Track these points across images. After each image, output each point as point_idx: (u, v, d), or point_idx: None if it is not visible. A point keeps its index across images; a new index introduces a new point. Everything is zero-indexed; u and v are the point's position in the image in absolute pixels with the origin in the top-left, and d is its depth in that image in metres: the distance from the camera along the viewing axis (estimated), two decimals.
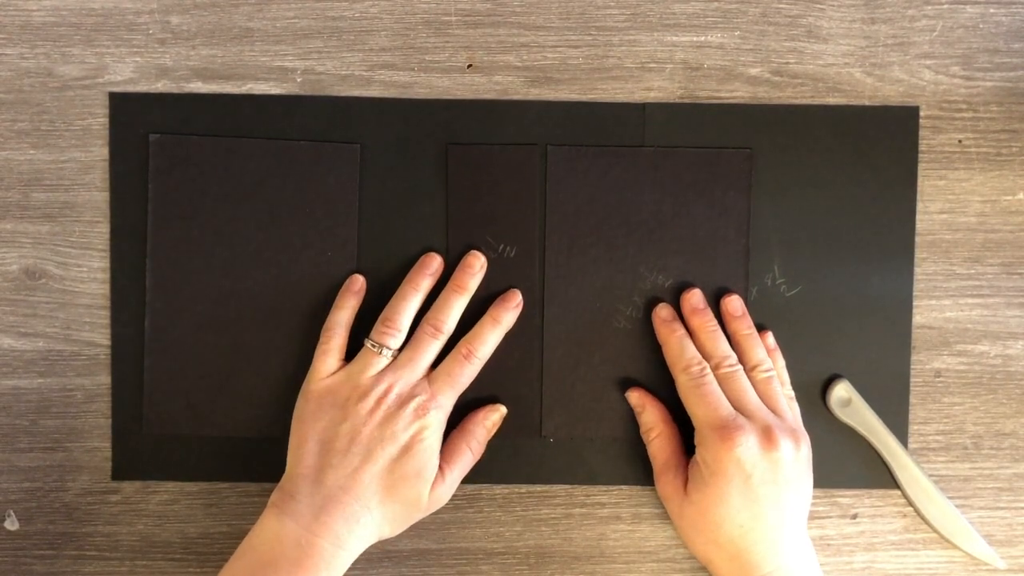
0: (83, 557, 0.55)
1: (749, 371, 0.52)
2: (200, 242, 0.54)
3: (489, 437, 0.54)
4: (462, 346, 0.52)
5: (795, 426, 0.52)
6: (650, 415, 0.54)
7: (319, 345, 0.52)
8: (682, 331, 0.53)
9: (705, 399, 0.51)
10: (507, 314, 0.53)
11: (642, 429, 0.54)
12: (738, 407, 0.51)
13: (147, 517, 0.55)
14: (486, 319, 0.53)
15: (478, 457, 0.53)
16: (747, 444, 0.49)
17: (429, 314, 0.52)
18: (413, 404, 0.50)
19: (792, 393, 0.53)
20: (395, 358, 0.51)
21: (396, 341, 0.52)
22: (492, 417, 0.54)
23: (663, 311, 0.54)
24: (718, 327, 0.53)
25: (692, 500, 0.51)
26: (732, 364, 0.52)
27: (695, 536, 0.51)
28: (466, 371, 0.52)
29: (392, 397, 0.50)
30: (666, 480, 0.52)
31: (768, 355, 0.53)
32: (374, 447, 0.49)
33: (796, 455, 0.50)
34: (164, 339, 0.54)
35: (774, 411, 0.51)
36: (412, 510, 0.51)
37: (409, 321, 0.52)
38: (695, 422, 0.51)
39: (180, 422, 0.54)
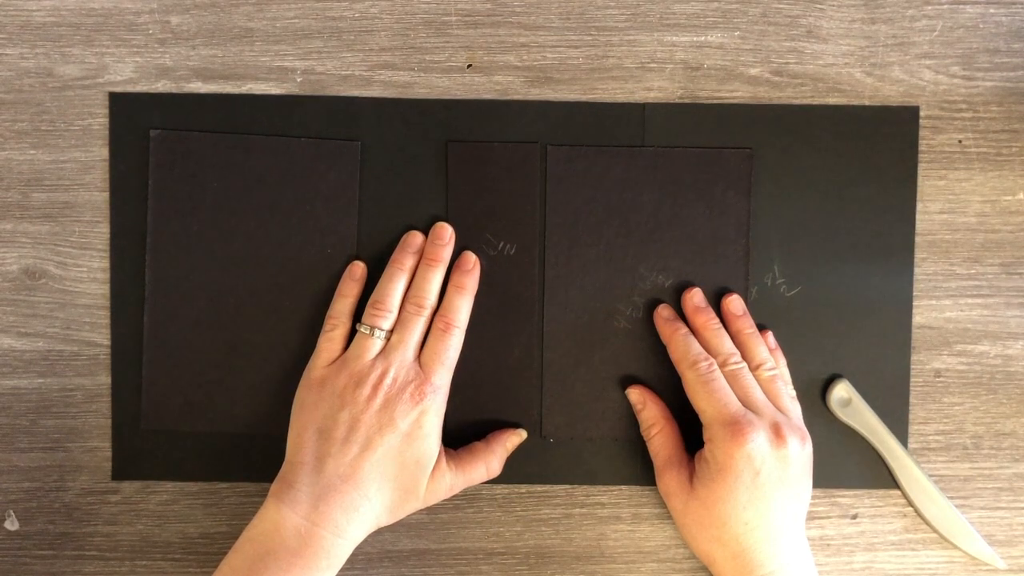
0: (83, 557, 0.55)
1: (753, 370, 0.52)
2: (200, 238, 0.54)
3: (507, 456, 0.54)
4: (438, 321, 0.52)
5: (800, 424, 0.52)
6: (650, 412, 0.54)
7: (322, 333, 0.53)
8: (686, 329, 0.53)
9: (714, 395, 0.51)
10: (468, 278, 0.54)
11: (642, 426, 0.54)
12: (745, 404, 0.51)
13: (147, 517, 0.55)
14: (450, 289, 0.53)
15: (492, 476, 0.54)
16: (758, 440, 0.49)
17: (409, 292, 0.53)
18: (410, 388, 0.50)
19: (794, 393, 0.53)
20: (388, 339, 0.52)
21: (387, 322, 0.52)
22: (513, 439, 0.54)
23: (665, 311, 0.54)
24: (721, 325, 0.53)
25: (698, 496, 0.51)
26: (738, 362, 0.52)
27: (698, 533, 0.51)
28: (450, 344, 0.52)
29: (388, 381, 0.50)
30: (669, 476, 0.52)
31: (769, 354, 0.53)
32: (373, 435, 0.49)
33: (802, 453, 0.50)
34: (163, 334, 0.54)
35: (779, 409, 0.51)
36: (410, 498, 0.51)
37: (398, 301, 0.52)
38: (703, 418, 0.51)
39: (179, 418, 0.55)
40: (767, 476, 0.49)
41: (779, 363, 0.54)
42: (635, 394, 0.54)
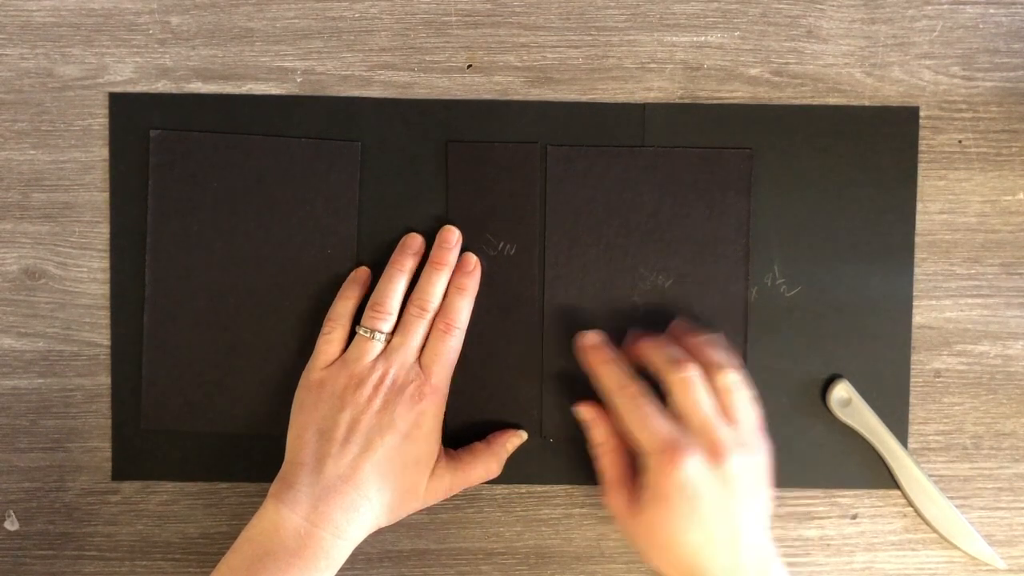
0: (83, 557, 0.55)
1: (711, 374, 0.49)
2: (200, 238, 0.54)
3: (507, 457, 0.54)
4: (439, 323, 0.52)
5: (747, 436, 0.49)
6: (599, 431, 0.52)
7: (321, 335, 0.53)
8: (611, 355, 0.52)
9: (645, 420, 0.49)
10: (469, 280, 0.53)
11: (591, 443, 0.53)
12: (687, 419, 0.48)
13: (147, 517, 0.55)
14: (451, 290, 0.53)
15: (492, 476, 0.53)
16: (691, 465, 0.47)
17: (413, 295, 0.53)
18: (409, 390, 0.50)
19: (749, 394, 0.50)
20: (388, 342, 0.52)
21: (387, 324, 0.52)
22: (513, 440, 0.54)
23: (588, 339, 0.53)
24: (666, 342, 0.51)
25: (642, 520, 0.49)
26: (689, 369, 0.49)
27: (648, 553, 0.49)
28: (450, 345, 0.52)
29: (388, 383, 0.50)
30: (613, 498, 0.51)
31: (725, 358, 0.50)
32: (373, 436, 0.49)
33: (746, 466, 0.48)
34: (163, 334, 0.54)
35: (730, 419, 0.49)
36: (410, 498, 0.51)
37: (398, 303, 0.52)
38: (638, 447, 0.49)
39: (178, 418, 0.55)
40: (709, 498, 0.47)
41: (734, 366, 0.51)
42: (586, 412, 0.53)
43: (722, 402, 0.49)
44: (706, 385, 0.49)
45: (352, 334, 0.53)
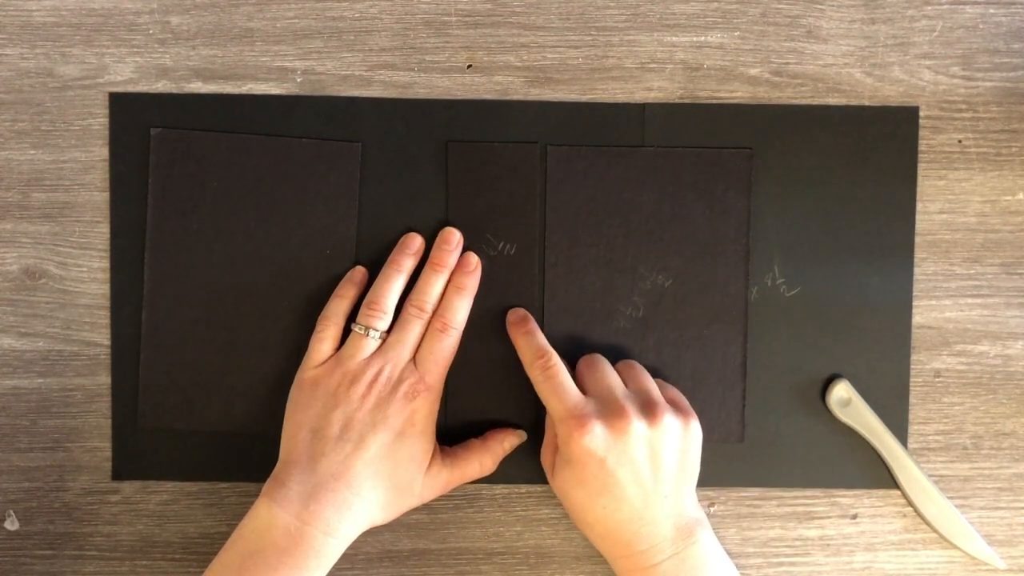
0: (83, 557, 0.55)
1: (616, 362, 0.53)
2: (199, 237, 0.54)
3: (504, 456, 0.54)
4: (436, 321, 0.52)
5: (654, 399, 0.51)
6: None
7: (314, 333, 0.53)
8: (528, 328, 0.53)
9: (555, 389, 0.50)
10: (468, 279, 0.54)
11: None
12: (593, 391, 0.51)
13: (147, 517, 0.55)
14: (450, 289, 0.53)
15: (487, 472, 0.54)
16: (594, 432, 0.49)
17: (412, 295, 0.53)
18: (403, 388, 0.50)
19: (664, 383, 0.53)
20: (383, 340, 0.52)
21: (383, 323, 0.52)
22: (511, 439, 0.54)
23: (512, 315, 0.54)
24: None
25: (557, 483, 0.51)
26: (595, 353, 0.53)
27: (569, 514, 0.52)
28: (446, 344, 0.52)
29: (383, 380, 0.50)
30: (543, 455, 0.53)
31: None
32: (367, 433, 0.49)
33: (653, 432, 0.49)
34: (161, 333, 0.54)
35: (639, 389, 0.51)
36: (405, 495, 0.51)
37: (394, 302, 0.53)
38: (551, 414, 0.51)
39: (176, 417, 0.55)
40: (615, 462, 0.49)
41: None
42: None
43: (628, 378, 0.52)
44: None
45: (347, 333, 0.53)
